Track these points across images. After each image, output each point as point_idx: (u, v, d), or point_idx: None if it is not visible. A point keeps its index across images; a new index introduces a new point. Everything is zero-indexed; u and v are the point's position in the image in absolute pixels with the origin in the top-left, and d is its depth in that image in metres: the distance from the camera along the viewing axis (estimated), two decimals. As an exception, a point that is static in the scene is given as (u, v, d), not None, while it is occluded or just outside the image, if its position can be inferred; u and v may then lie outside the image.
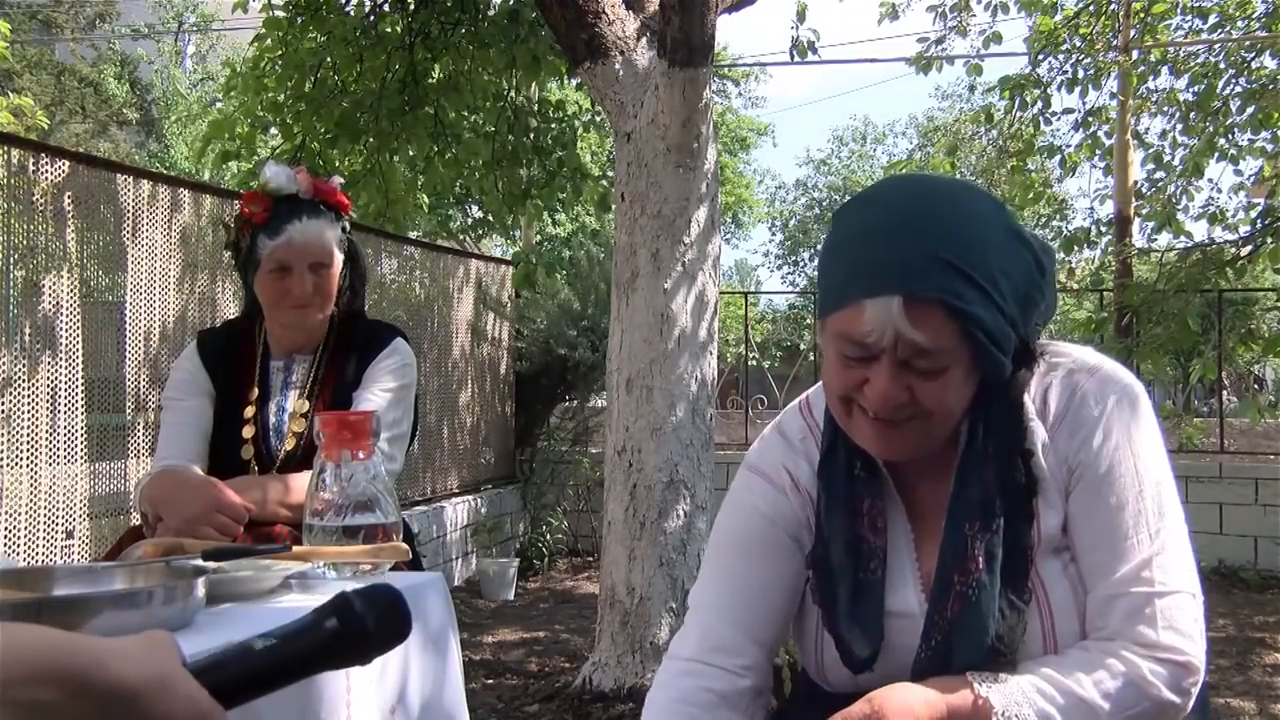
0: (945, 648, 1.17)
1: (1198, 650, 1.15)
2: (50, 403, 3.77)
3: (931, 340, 1.12)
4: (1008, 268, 1.14)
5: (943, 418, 1.18)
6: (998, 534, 1.17)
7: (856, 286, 1.14)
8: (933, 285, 1.10)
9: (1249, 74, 7.41)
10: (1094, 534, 1.19)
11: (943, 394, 1.16)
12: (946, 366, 1.14)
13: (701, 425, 4.16)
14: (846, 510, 1.26)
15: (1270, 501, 6.79)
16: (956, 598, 1.17)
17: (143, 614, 1.24)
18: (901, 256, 1.11)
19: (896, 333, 1.12)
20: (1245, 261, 6.72)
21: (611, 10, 4.18)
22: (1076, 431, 1.20)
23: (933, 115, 27.83)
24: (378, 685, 1.53)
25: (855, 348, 1.16)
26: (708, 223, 4.20)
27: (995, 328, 1.13)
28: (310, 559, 1.61)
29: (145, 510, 1.97)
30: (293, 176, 2.18)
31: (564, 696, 4.10)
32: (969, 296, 1.11)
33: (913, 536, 1.26)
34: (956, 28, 7.77)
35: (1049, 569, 1.19)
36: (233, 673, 0.80)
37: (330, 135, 5.75)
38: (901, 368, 1.14)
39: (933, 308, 1.11)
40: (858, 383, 1.17)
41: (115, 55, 22.45)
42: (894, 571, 1.25)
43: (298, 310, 2.17)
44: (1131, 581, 1.16)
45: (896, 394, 1.15)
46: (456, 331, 6.99)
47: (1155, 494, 1.19)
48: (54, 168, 3.87)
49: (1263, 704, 4.31)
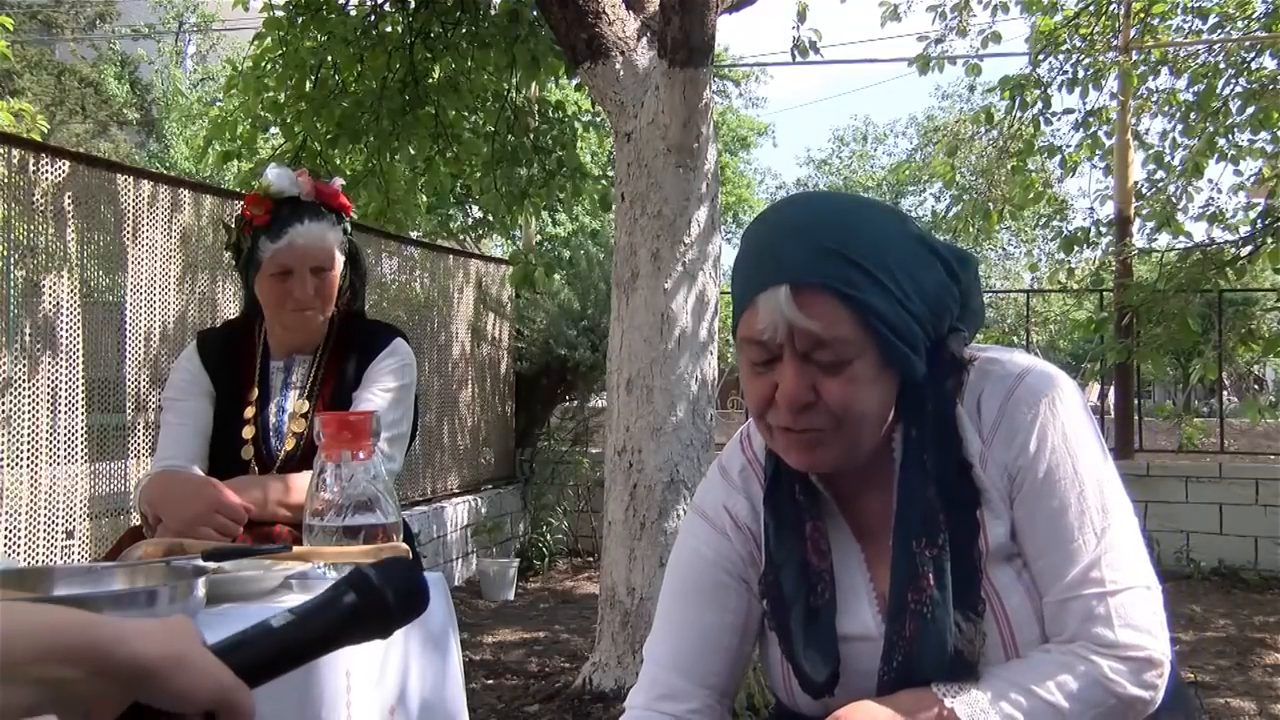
0: (906, 668, 1.17)
1: (1157, 644, 1.15)
2: (51, 403, 3.77)
3: (826, 329, 1.12)
4: (908, 265, 1.15)
5: (854, 423, 1.17)
6: (945, 549, 1.17)
7: (750, 287, 1.16)
8: (818, 272, 1.12)
9: (1249, 74, 7.41)
10: (1040, 540, 1.18)
11: (849, 392, 1.14)
12: (849, 359, 1.14)
13: (702, 425, 4.16)
14: (794, 535, 1.25)
15: (1270, 501, 6.79)
16: (912, 617, 1.16)
17: (143, 614, 1.25)
18: (788, 251, 1.13)
19: (789, 323, 1.12)
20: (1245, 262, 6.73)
21: (612, 10, 4.18)
22: (1012, 438, 1.19)
23: (933, 115, 27.85)
24: (378, 685, 1.53)
25: (758, 350, 1.16)
26: (708, 223, 4.20)
27: (894, 318, 1.13)
28: (310, 559, 1.61)
29: (145, 511, 1.97)
30: (294, 179, 2.18)
31: (564, 697, 4.10)
32: (859, 284, 1.11)
33: (863, 556, 1.26)
34: (957, 28, 7.77)
35: (1002, 577, 1.19)
36: (253, 651, 0.80)
37: (331, 135, 5.75)
38: (804, 362, 1.14)
39: (822, 294, 1.12)
40: (769, 394, 1.17)
41: (115, 55, 22.44)
42: (848, 593, 1.24)
43: (299, 313, 2.17)
44: (1081, 584, 1.16)
45: (801, 392, 1.14)
46: (457, 332, 6.99)
47: (1097, 492, 1.18)
48: (54, 168, 3.87)
49: (1263, 704, 4.31)
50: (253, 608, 1.46)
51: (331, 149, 5.87)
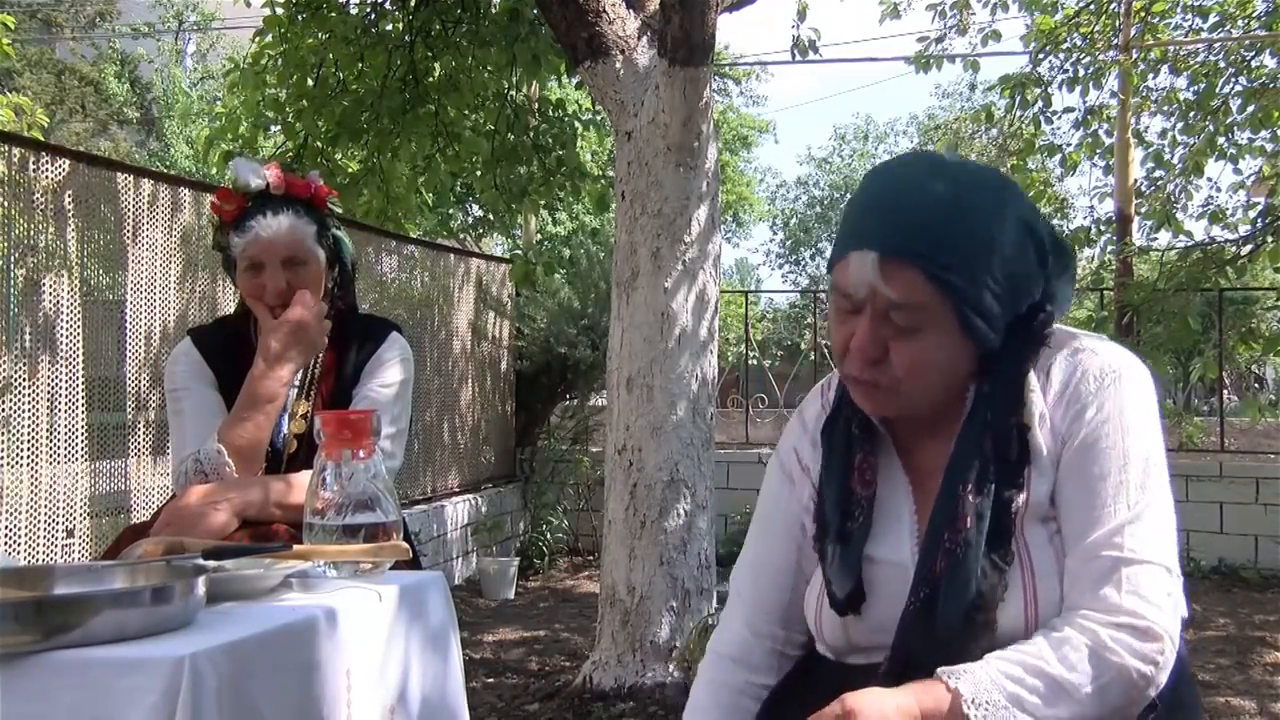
0: (931, 603, 1.21)
1: (1164, 619, 1.16)
2: (50, 402, 3.77)
3: (904, 298, 1.20)
4: (1000, 249, 1.21)
5: (918, 384, 1.24)
6: (988, 497, 1.22)
7: (847, 241, 1.24)
8: (907, 248, 1.19)
9: (1249, 73, 7.41)
10: (1075, 501, 1.22)
11: (917, 357, 1.22)
12: (922, 326, 1.21)
13: (702, 424, 4.16)
14: (842, 465, 1.34)
15: (1270, 500, 6.79)
16: (945, 554, 1.21)
17: (143, 613, 1.25)
18: (886, 219, 1.21)
19: (871, 287, 1.21)
20: (1245, 260, 6.72)
21: (612, 9, 4.18)
22: (1072, 405, 1.24)
23: (933, 114, 27.83)
24: (378, 684, 1.53)
25: (844, 299, 1.25)
26: (708, 221, 4.20)
27: (975, 297, 1.20)
28: (311, 558, 1.61)
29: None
30: (259, 171, 2.15)
31: (564, 695, 4.10)
32: (945, 263, 1.18)
33: (912, 493, 1.32)
34: (957, 26, 7.76)
35: (1035, 536, 1.23)
36: None
37: (331, 134, 5.75)
38: (880, 321, 1.22)
39: (906, 267, 1.19)
40: (847, 340, 1.25)
41: (115, 54, 22.42)
42: (890, 521, 1.31)
43: (276, 308, 2.13)
44: (1102, 546, 1.18)
45: (871, 349, 1.23)
46: (457, 330, 6.99)
47: (1141, 470, 1.21)
48: (54, 167, 3.86)
49: (1263, 703, 4.31)
50: (253, 607, 1.46)
51: (332, 147, 5.87)
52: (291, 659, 1.36)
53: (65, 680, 1.17)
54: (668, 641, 4.03)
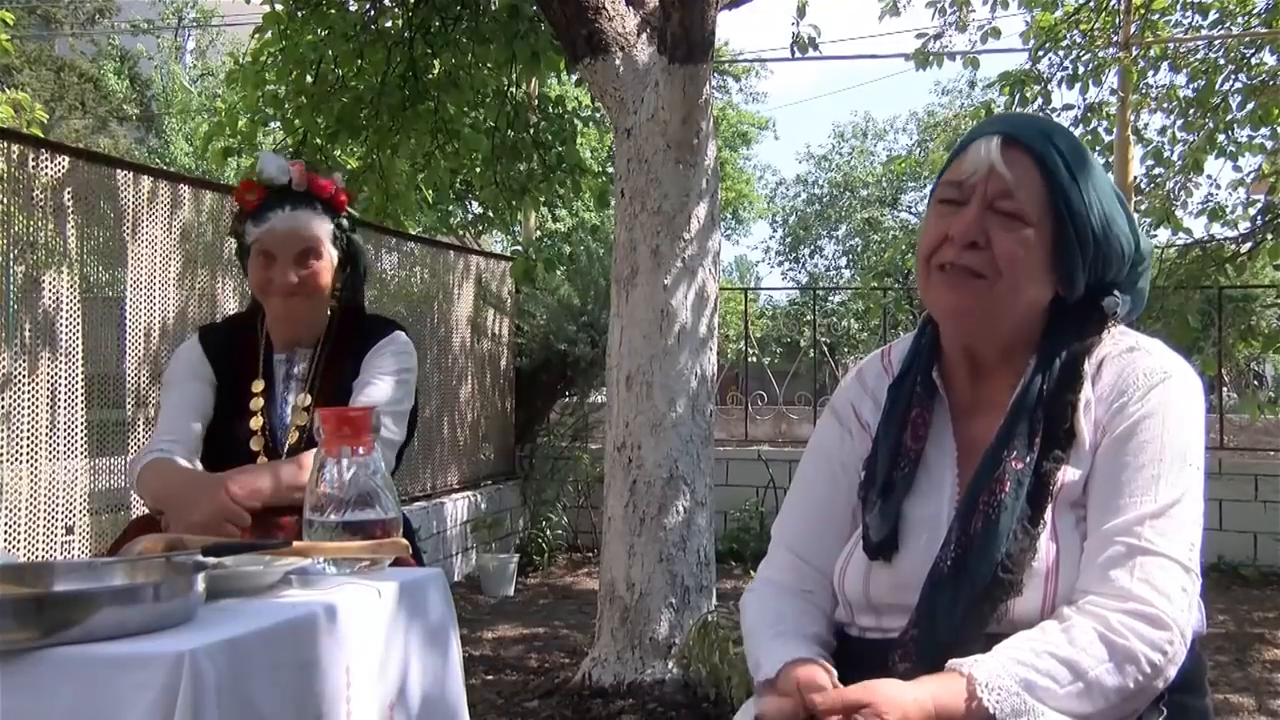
0: (961, 562, 1.24)
1: (1174, 611, 1.16)
2: (50, 398, 3.77)
3: (1017, 181, 1.27)
4: (1103, 192, 1.30)
5: (1007, 282, 1.28)
6: (1029, 468, 1.25)
7: (967, 139, 1.33)
8: (1029, 135, 1.29)
9: (1249, 70, 7.40)
10: (1104, 488, 1.24)
11: (1015, 248, 1.27)
12: (1025, 217, 1.27)
13: (701, 421, 4.16)
14: (899, 419, 1.38)
15: (1270, 498, 6.79)
16: (979, 515, 1.25)
17: (143, 609, 1.25)
18: (1013, 117, 1.38)
19: (990, 165, 1.28)
20: (1245, 258, 6.73)
21: (611, 6, 4.17)
22: (1118, 399, 1.27)
23: (933, 111, 27.77)
24: (377, 681, 1.53)
25: (953, 189, 1.31)
26: (708, 219, 4.20)
27: (1077, 210, 1.27)
28: (310, 554, 1.62)
29: (146, 502, 1.98)
30: (285, 166, 2.21)
31: (564, 692, 4.10)
32: (1059, 166, 1.28)
33: (958, 456, 1.35)
34: (957, 23, 7.75)
35: (1063, 521, 1.25)
36: None
37: (331, 130, 5.75)
38: (987, 210, 1.28)
39: (1025, 154, 1.28)
40: (943, 234, 1.31)
41: (115, 51, 22.41)
42: (930, 482, 1.34)
43: (282, 299, 2.18)
44: (1121, 533, 1.20)
45: (975, 228, 1.28)
46: (456, 327, 6.99)
47: (1176, 468, 1.22)
48: (54, 163, 3.86)
49: (1261, 700, 4.32)
50: (253, 603, 1.46)
51: (332, 144, 5.86)
52: (291, 655, 1.37)
53: (66, 676, 1.17)
54: (667, 638, 4.03)
